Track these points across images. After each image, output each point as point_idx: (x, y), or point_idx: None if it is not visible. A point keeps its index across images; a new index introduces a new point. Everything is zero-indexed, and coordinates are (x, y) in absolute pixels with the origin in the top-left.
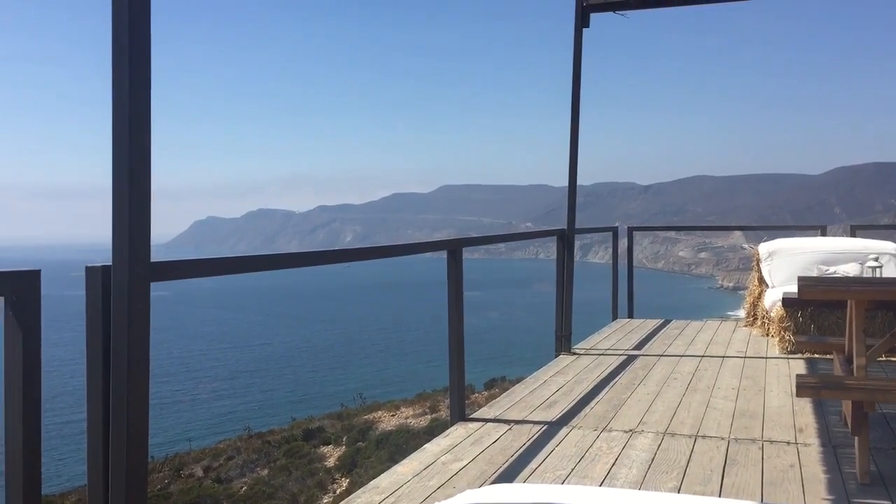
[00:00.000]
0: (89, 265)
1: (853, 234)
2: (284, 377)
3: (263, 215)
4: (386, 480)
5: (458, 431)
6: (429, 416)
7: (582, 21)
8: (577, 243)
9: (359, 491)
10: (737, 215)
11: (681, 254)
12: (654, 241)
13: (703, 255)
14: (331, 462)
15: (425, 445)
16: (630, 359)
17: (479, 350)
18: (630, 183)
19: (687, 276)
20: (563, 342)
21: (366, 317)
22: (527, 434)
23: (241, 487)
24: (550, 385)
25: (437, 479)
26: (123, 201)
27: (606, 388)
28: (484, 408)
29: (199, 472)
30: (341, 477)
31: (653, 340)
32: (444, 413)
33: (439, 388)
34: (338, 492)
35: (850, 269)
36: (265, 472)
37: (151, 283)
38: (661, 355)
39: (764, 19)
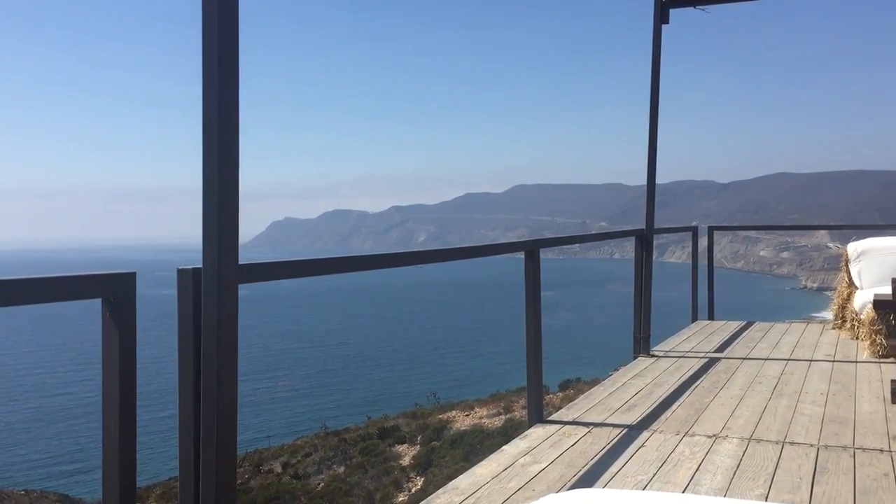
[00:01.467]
0: (181, 267)
1: None
2: (360, 376)
3: (338, 216)
4: (465, 481)
5: (536, 433)
6: (503, 417)
7: (661, 18)
8: (653, 243)
9: (438, 491)
10: (821, 214)
11: (762, 253)
12: (733, 240)
13: (785, 254)
14: (406, 461)
15: (503, 447)
16: (712, 361)
17: (554, 351)
18: (708, 181)
19: (768, 276)
20: (642, 344)
21: (440, 316)
22: (606, 437)
23: (319, 484)
24: (629, 388)
25: (515, 480)
26: (213, 206)
27: (688, 392)
28: (562, 410)
29: (278, 468)
30: (416, 476)
31: (735, 343)
32: (518, 414)
33: (513, 388)
34: (413, 491)
35: None
36: (342, 469)
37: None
38: (745, 358)
39: (840, 12)
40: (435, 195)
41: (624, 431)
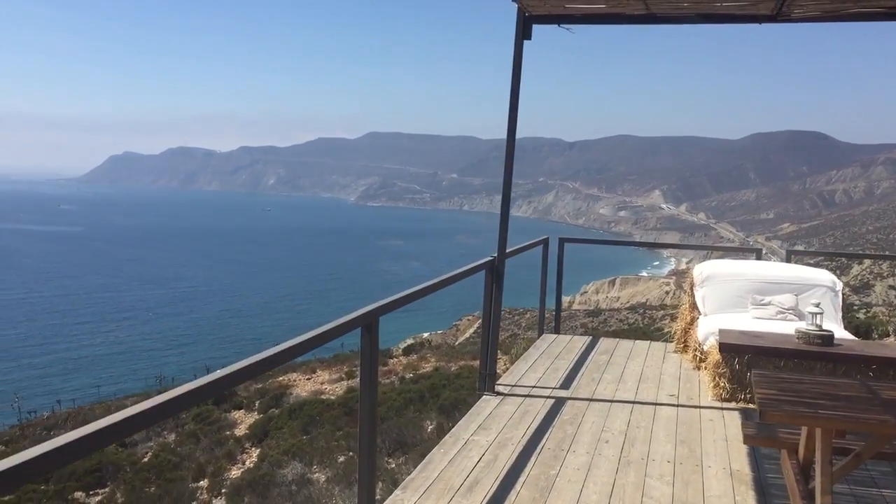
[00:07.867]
0: None
1: (788, 259)
2: (214, 326)
3: (183, 153)
4: None
5: None
6: (345, 383)
7: (524, 33)
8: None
9: None
10: (657, 175)
11: (601, 211)
12: (576, 197)
13: (622, 213)
14: (241, 430)
15: None
16: (558, 403)
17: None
18: (556, 139)
19: (607, 233)
20: (488, 381)
21: (294, 265)
22: None
23: (146, 453)
24: (472, 450)
25: None
26: None
27: (533, 458)
28: (397, 491)
29: None
30: (252, 447)
31: (581, 372)
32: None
33: (357, 348)
34: (247, 463)
35: (785, 301)
36: (172, 436)
37: None
38: (591, 399)
39: None
40: (287, 138)
41: None
